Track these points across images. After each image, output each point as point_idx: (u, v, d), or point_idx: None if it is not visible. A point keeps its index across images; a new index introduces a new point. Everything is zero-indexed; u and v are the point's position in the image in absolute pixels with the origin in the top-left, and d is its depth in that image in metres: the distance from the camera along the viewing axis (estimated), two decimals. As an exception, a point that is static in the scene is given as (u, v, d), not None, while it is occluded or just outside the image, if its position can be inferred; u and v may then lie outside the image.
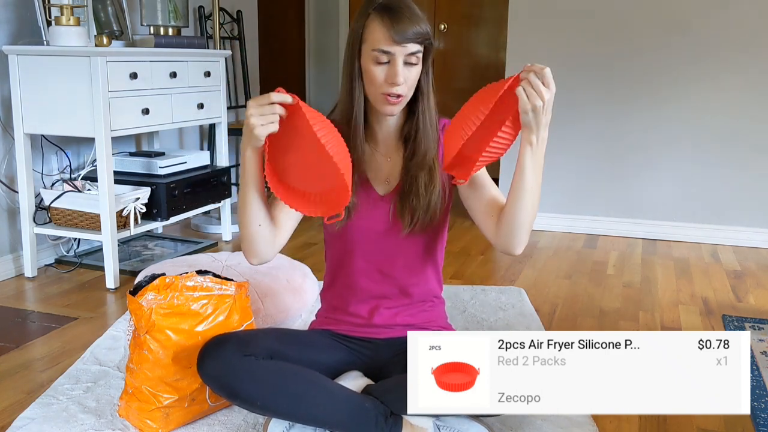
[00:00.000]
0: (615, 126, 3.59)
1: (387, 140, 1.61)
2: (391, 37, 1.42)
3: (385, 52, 1.44)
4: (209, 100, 3.22)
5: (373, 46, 1.44)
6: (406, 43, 1.43)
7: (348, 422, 1.50)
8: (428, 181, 1.56)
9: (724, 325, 2.40)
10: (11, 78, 2.66)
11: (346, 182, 1.34)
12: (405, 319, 1.68)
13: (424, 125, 1.55)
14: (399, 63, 1.44)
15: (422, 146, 1.55)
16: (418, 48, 1.45)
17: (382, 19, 1.43)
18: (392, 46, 1.43)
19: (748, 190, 3.45)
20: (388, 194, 1.61)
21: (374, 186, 1.61)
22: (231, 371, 1.46)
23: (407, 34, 1.42)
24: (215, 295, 1.70)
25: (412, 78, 1.48)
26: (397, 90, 1.46)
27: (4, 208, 2.82)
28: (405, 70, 1.45)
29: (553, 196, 3.74)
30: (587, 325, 2.41)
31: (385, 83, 1.46)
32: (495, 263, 3.15)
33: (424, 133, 1.55)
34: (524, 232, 1.52)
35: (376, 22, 1.44)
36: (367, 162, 1.61)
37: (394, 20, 1.42)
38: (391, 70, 1.45)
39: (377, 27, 1.44)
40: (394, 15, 1.43)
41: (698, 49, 3.41)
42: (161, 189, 2.90)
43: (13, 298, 2.61)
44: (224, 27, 4.11)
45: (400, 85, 1.45)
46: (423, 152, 1.55)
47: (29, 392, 1.87)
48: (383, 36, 1.43)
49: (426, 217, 1.58)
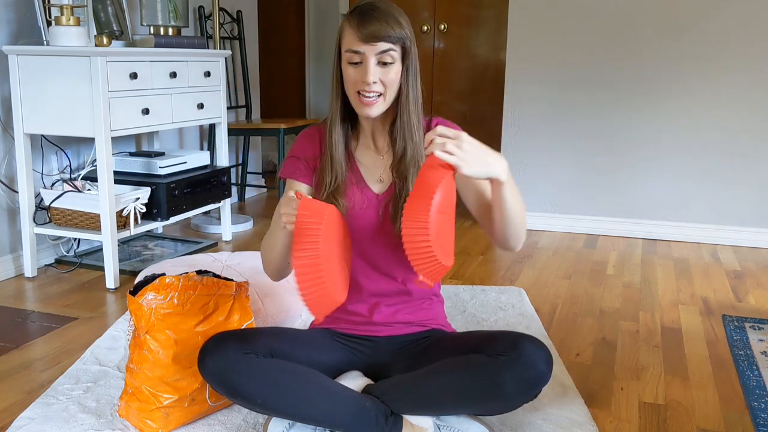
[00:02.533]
0: (615, 126, 3.59)
1: (379, 139, 1.65)
2: (358, 37, 1.49)
3: (355, 51, 1.50)
4: (209, 100, 3.22)
5: (346, 47, 1.52)
6: (374, 42, 1.48)
7: (348, 421, 1.50)
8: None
9: (724, 325, 2.40)
10: (11, 78, 2.66)
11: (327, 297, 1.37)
12: (405, 316, 1.69)
13: (403, 126, 1.58)
14: (370, 62, 1.49)
15: (404, 146, 1.58)
16: (389, 47, 1.49)
17: (352, 21, 1.51)
18: (361, 45, 1.49)
19: (748, 190, 3.45)
20: (382, 193, 1.63)
21: (369, 184, 1.64)
22: (231, 369, 1.46)
23: (374, 33, 1.48)
24: (215, 295, 1.70)
25: (389, 78, 1.51)
26: (369, 89, 1.50)
27: (4, 208, 2.82)
28: (378, 69, 1.50)
29: (553, 196, 3.74)
30: (587, 324, 2.41)
31: (359, 82, 1.51)
32: (495, 263, 3.15)
33: (402, 135, 1.58)
34: (518, 236, 1.54)
35: (348, 24, 1.52)
36: (362, 162, 1.64)
37: (361, 21, 1.49)
38: (363, 69, 1.50)
39: (348, 29, 1.52)
40: (363, 16, 1.50)
41: (699, 49, 3.41)
42: (161, 189, 2.90)
43: (13, 298, 2.61)
44: (224, 27, 4.11)
45: (370, 83, 1.50)
46: (404, 153, 1.58)
47: (29, 392, 1.87)
48: (352, 37, 1.50)
49: None
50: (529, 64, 3.67)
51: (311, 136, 1.67)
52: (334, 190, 1.59)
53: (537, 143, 3.72)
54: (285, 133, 3.88)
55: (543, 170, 3.73)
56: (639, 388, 1.94)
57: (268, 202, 4.40)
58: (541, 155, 3.72)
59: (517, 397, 1.47)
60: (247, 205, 4.32)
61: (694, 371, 2.06)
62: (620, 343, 2.25)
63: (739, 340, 2.28)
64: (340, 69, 1.56)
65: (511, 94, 3.74)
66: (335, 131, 1.61)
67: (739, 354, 2.16)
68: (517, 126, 3.74)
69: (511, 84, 3.72)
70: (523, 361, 1.42)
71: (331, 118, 1.61)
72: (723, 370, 2.07)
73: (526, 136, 3.73)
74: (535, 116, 3.70)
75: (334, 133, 1.60)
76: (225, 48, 4.10)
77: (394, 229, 1.59)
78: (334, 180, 1.59)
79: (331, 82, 1.60)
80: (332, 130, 1.61)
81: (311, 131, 1.69)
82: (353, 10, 1.53)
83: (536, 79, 3.67)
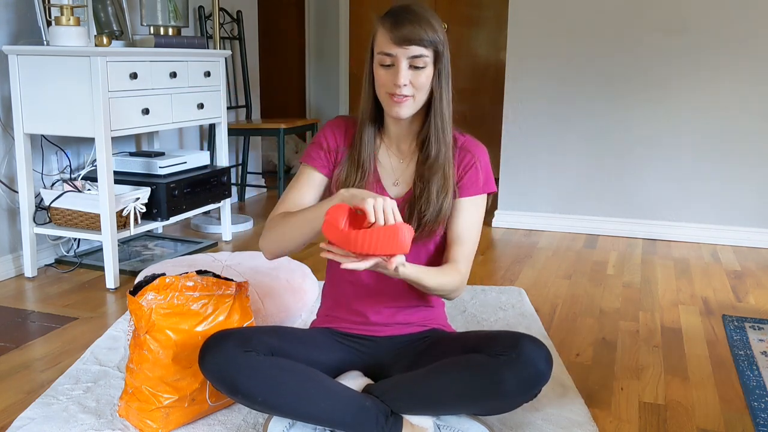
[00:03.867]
0: (615, 126, 3.59)
1: (403, 143, 1.66)
2: (391, 39, 1.50)
3: (387, 54, 1.51)
4: (209, 100, 3.22)
5: (378, 49, 1.53)
6: (406, 45, 1.49)
7: (348, 421, 1.50)
8: (441, 187, 1.59)
9: (724, 325, 2.40)
10: (11, 78, 2.66)
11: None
12: (404, 317, 1.69)
13: (436, 129, 1.59)
14: (402, 64, 1.51)
15: (434, 150, 1.59)
16: (421, 51, 1.50)
17: (385, 23, 1.52)
18: (393, 48, 1.50)
19: (748, 190, 3.45)
20: (398, 197, 1.63)
21: (386, 187, 1.65)
22: (232, 367, 1.47)
23: (407, 36, 1.49)
24: (215, 295, 1.70)
25: (420, 81, 1.53)
26: (400, 91, 1.51)
27: (4, 208, 2.82)
28: (410, 72, 1.52)
29: (553, 196, 3.74)
30: (587, 324, 2.41)
31: (390, 84, 1.52)
32: (495, 263, 3.15)
33: (435, 138, 1.59)
34: (441, 295, 1.63)
35: (381, 27, 1.53)
36: (381, 163, 1.66)
37: (395, 24, 1.50)
38: (394, 71, 1.51)
39: (381, 31, 1.53)
40: (396, 19, 1.51)
41: (698, 49, 3.41)
42: (161, 189, 2.90)
43: (13, 298, 2.61)
44: (224, 27, 4.11)
45: (402, 86, 1.51)
46: (435, 156, 1.59)
47: (29, 392, 1.87)
48: (385, 39, 1.51)
49: (435, 224, 1.61)
50: (529, 64, 3.67)
51: (337, 127, 1.69)
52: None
53: (537, 143, 3.72)
54: (285, 133, 3.88)
55: (543, 170, 3.73)
56: (639, 388, 1.94)
57: (268, 202, 4.40)
58: (541, 155, 3.72)
59: (517, 397, 1.47)
60: (247, 205, 4.32)
61: (694, 371, 2.06)
62: (620, 343, 2.25)
63: (739, 340, 2.28)
64: (372, 70, 1.57)
65: (511, 94, 3.74)
66: (365, 132, 1.62)
67: (739, 354, 2.16)
68: (517, 126, 3.74)
69: (511, 84, 3.72)
70: (523, 361, 1.42)
71: (362, 118, 1.63)
72: (723, 370, 2.07)
73: (526, 136, 3.73)
74: (535, 116, 3.70)
75: (364, 133, 1.62)
76: (225, 48, 4.11)
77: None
78: (358, 180, 1.61)
79: (363, 83, 1.61)
80: (362, 130, 1.62)
81: (338, 121, 1.70)
82: (388, 11, 1.54)
83: (536, 80, 3.67)
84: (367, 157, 1.62)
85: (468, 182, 1.64)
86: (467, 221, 1.63)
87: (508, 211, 3.82)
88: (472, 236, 1.64)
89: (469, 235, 1.63)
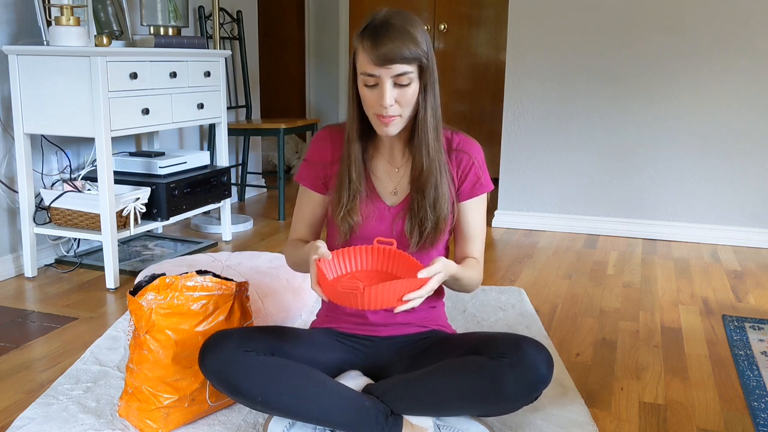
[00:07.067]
0: (615, 126, 3.59)
1: (396, 152, 1.65)
2: (372, 60, 1.44)
3: (370, 75, 1.47)
4: (209, 100, 3.22)
5: (361, 69, 1.48)
6: (389, 65, 1.44)
7: (348, 420, 1.50)
8: (436, 197, 1.58)
9: (724, 325, 2.40)
10: (11, 78, 2.66)
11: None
12: (404, 317, 1.69)
13: (425, 143, 1.56)
14: (386, 85, 1.46)
15: (425, 163, 1.57)
16: (405, 69, 1.46)
17: (364, 43, 1.46)
18: (375, 69, 1.45)
19: (748, 190, 3.45)
20: (395, 206, 1.63)
21: (382, 197, 1.64)
22: (232, 366, 1.47)
23: (388, 55, 1.43)
24: (215, 295, 1.70)
25: (406, 98, 1.49)
26: (387, 112, 1.48)
27: (4, 208, 2.82)
28: (395, 91, 1.47)
29: (553, 196, 3.74)
30: (587, 324, 2.41)
31: (377, 105, 1.49)
32: (495, 263, 3.15)
33: (426, 151, 1.56)
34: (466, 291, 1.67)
35: (361, 46, 1.47)
36: (376, 173, 1.64)
37: (375, 43, 1.44)
38: (379, 92, 1.48)
39: (362, 51, 1.47)
40: (376, 38, 1.44)
41: (698, 49, 3.41)
42: (161, 189, 2.90)
43: (13, 298, 2.61)
44: (224, 27, 4.11)
45: (388, 107, 1.48)
46: (426, 168, 1.57)
47: (29, 392, 1.87)
48: (366, 59, 1.46)
49: (435, 232, 1.60)
50: (529, 64, 3.67)
51: (322, 140, 1.67)
52: (350, 208, 1.59)
53: (537, 143, 3.72)
54: (285, 133, 3.88)
55: (543, 170, 3.73)
56: (639, 388, 1.94)
57: (268, 202, 4.40)
58: (541, 155, 3.72)
59: (517, 399, 1.46)
60: (247, 205, 4.32)
61: (694, 371, 2.06)
62: (620, 343, 2.25)
63: (739, 340, 2.28)
64: (356, 88, 1.53)
65: (511, 94, 3.74)
66: (353, 149, 1.59)
67: (739, 354, 2.16)
68: (518, 125, 3.74)
69: (511, 84, 3.72)
70: (524, 364, 1.42)
71: (349, 136, 1.59)
72: (723, 370, 2.07)
73: (526, 136, 3.73)
74: (535, 116, 3.70)
75: (352, 151, 1.59)
76: (225, 48, 4.11)
77: (410, 242, 1.60)
78: (351, 199, 1.59)
79: (348, 101, 1.58)
80: (350, 148, 1.59)
81: (323, 135, 1.68)
82: (366, 27, 1.47)
83: (536, 80, 3.67)
84: (357, 177, 1.59)
85: (469, 185, 1.64)
86: (474, 220, 1.66)
87: (508, 211, 3.83)
88: (481, 233, 1.68)
89: (478, 233, 1.67)
